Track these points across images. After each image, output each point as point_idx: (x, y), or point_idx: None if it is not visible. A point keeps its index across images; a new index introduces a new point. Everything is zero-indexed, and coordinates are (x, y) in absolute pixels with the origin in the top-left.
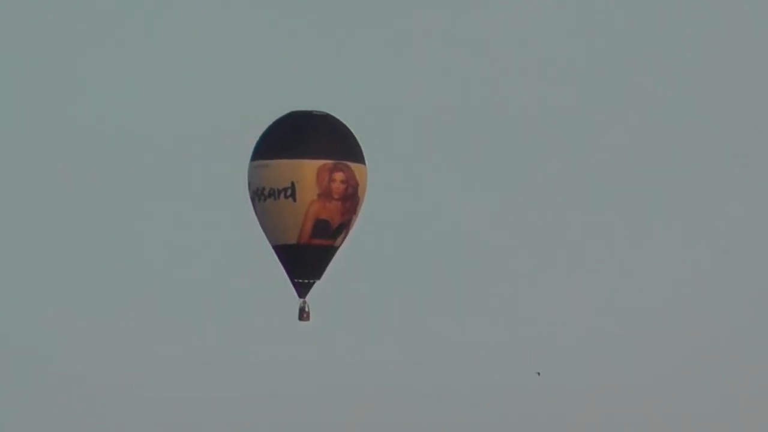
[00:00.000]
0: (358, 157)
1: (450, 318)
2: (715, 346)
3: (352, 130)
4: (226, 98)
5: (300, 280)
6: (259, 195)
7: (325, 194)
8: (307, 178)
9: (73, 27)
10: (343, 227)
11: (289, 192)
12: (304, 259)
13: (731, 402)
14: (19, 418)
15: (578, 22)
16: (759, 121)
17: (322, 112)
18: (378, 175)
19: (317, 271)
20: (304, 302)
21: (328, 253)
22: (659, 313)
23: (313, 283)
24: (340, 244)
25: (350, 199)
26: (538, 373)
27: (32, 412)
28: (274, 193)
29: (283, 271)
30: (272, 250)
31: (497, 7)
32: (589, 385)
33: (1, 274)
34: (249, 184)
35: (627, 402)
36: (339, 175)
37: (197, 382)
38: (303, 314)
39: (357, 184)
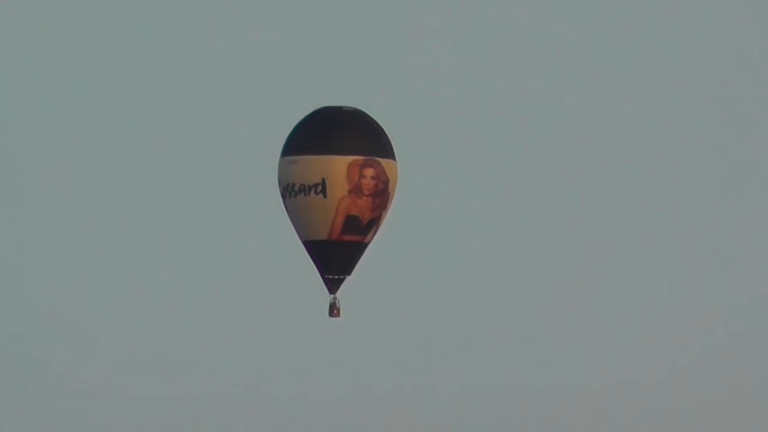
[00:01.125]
0: (389, 153)
1: (481, 314)
2: (715, 345)
3: (383, 126)
4: (255, 94)
5: (330, 276)
6: (290, 191)
7: (356, 190)
8: (337, 174)
9: (106, 26)
10: (374, 223)
11: (319, 188)
12: (335, 255)
13: (731, 402)
14: (40, 420)
15: (609, 14)
16: (759, 121)
17: (352, 107)
18: (408, 171)
19: (348, 267)
20: (335, 298)
21: (359, 249)
22: (669, 313)
23: (344, 279)
24: (371, 240)
25: (381, 195)
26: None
27: (60, 414)
28: (304, 189)
29: (314, 266)
30: (302, 246)
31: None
32: (616, 385)
33: (43, 275)
34: (279, 180)
35: (627, 402)
36: (369, 171)
37: (227, 379)
38: (333, 310)
39: (387, 180)
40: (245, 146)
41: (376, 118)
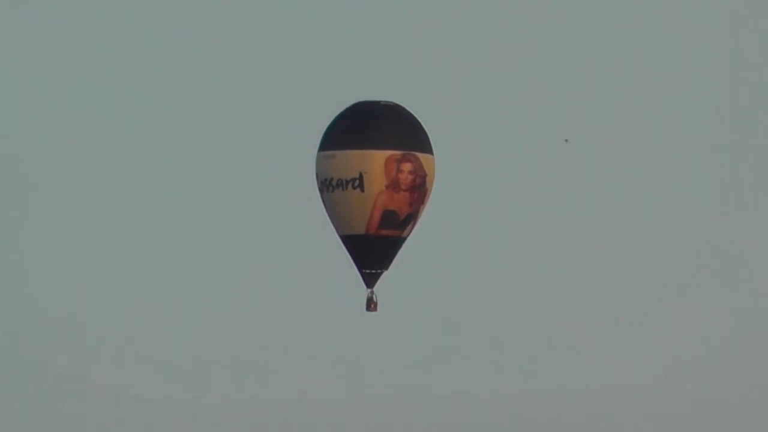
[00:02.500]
0: (426, 148)
1: (518, 309)
2: (714, 346)
3: (420, 120)
4: (293, 88)
5: (368, 271)
6: (327, 185)
7: (393, 185)
8: (375, 169)
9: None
10: (411, 218)
11: (357, 182)
12: (372, 249)
13: (731, 402)
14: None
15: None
16: (758, 120)
17: (390, 101)
18: (446, 166)
19: (385, 261)
20: (372, 293)
21: (396, 243)
22: (670, 314)
23: (381, 273)
24: (408, 235)
25: (418, 190)
26: (566, 140)
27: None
28: (342, 184)
29: (351, 261)
30: (340, 241)
31: None
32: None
33: (62, 276)
34: (317, 174)
35: (628, 402)
36: (407, 166)
37: (265, 374)
38: (371, 305)
39: (425, 175)
40: (283, 141)
41: (413, 112)
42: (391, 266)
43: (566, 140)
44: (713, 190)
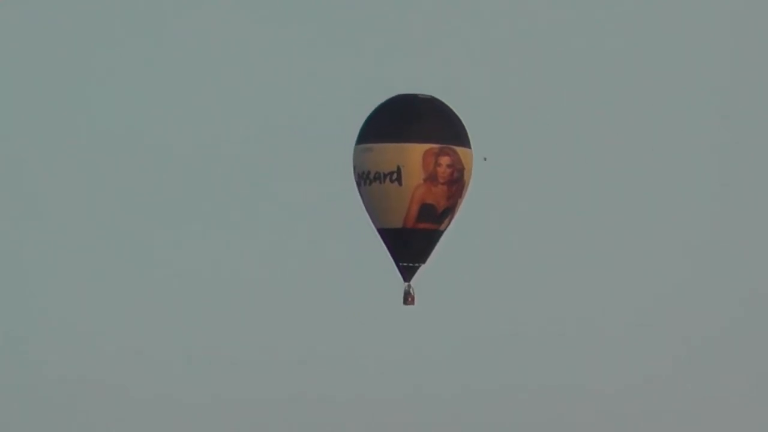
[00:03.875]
0: (464, 141)
1: (556, 303)
2: (714, 346)
3: (458, 114)
4: (331, 82)
5: (405, 264)
6: (365, 178)
7: (431, 178)
8: (413, 162)
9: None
10: (449, 211)
11: (394, 176)
12: (410, 242)
13: (731, 401)
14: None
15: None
16: (758, 120)
17: (428, 95)
18: (484, 160)
19: (422, 255)
20: (409, 286)
21: (434, 237)
22: (676, 315)
23: (418, 266)
24: (446, 228)
25: (456, 184)
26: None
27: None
28: (379, 177)
29: (388, 254)
30: (377, 234)
31: None
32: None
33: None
34: (354, 167)
35: (629, 402)
36: (445, 159)
37: (302, 366)
38: (408, 298)
39: (463, 168)
40: (321, 133)
41: (451, 106)
42: (429, 260)
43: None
44: (690, 192)
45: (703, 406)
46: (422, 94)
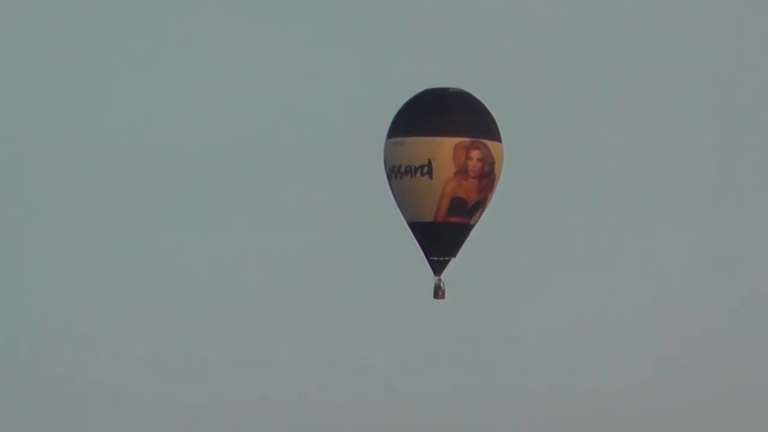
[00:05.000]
0: (495, 135)
1: (587, 297)
2: (714, 346)
3: (488, 107)
4: (360, 76)
5: (435, 258)
6: (396, 172)
7: (462, 172)
8: (443, 156)
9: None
10: (480, 205)
11: (425, 169)
12: (440, 236)
13: (730, 402)
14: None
15: None
16: (757, 120)
17: (459, 88)
18: (514, 153)
19: (453, 249)
20: (440, 280)
21: (464, 231)
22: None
23: (449, 260)
24: (476, 222)
25: (487, 177)
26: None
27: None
28: (410, 171)
29: (419, 248)
30: (408, 228)
31: None
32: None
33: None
34: (385, 161)
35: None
36: (476, 153)
37: (333, 361)
38: (438, 292)
39: (493, 162)
40: (351, 127)
41: (481, 100)
42: (459, 254)
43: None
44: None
45: (703, 406)
46: (452, 88)
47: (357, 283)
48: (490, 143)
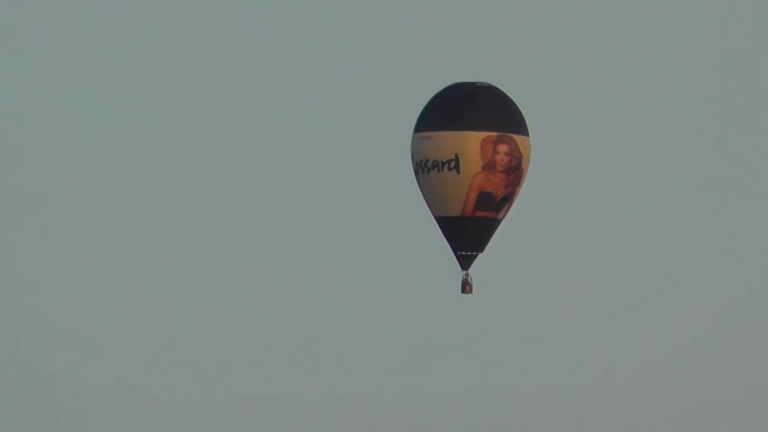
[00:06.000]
0: (522, 129)
1: (615, 294)
2: (714, 345)
3: (516, 102)
4: (388, 70)
5: (463, 253)
6: (423, 167)
7: (489, 166)
8: (471, 150)
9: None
10: (507, 199)
11: (452, 164)
12: (468, 231)
13: (730, 401)
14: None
15: None
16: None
17: (486, 83)
18: (542, 148)
19: (480, 243)
20: (467, 274)
21: (492, 225)
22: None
23: (476, 255)
24: (504, 217)
25: (514, 172)
26: None
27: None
28: (437, 165)
29: (446, 243)
30: (435, 222)
31: None
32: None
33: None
34: (412, 155)
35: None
36: (503, 147)
37: (358, 356)
38: (466, 287)
39: (521, 156)
40: (378, 122)
41: (509, 94)
42: (487, 248)
43: None
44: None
45: (704, 405)
46: (480, 82)
47: (384, 277)
48: (517, 137)
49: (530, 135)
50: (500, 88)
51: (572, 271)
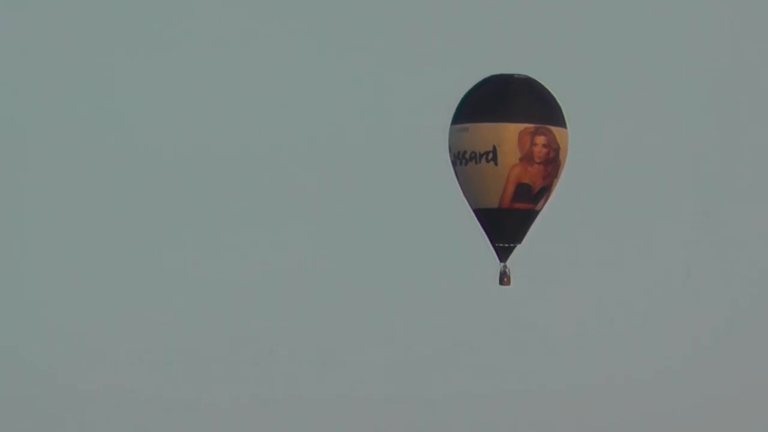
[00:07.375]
0: (560, 121)
1: (657, 284)
2: (714, 346)
3: (554, 93)
4: (426, 61)
5: (501, 244)
6: (460, 159)
7: (527, 158)
8: (508, 142)
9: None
10: (545, 191)
11: (490, 156)
12: (505, 223)
13: (730, 402)
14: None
15: None
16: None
17: (523, 75)
18: (580, 139)
19: (518, 235)
20: (505, 266)
21: (530, 217)
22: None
23: (514, 247)
24: (542, 208)
25: (552, 163)
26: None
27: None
28: (475, 157)
29: (484, 234)
30: (473, 214)
31: None
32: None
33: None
34: (449, 147)
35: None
36: (541, 139)
37: (396, 347)
38: (504, 278)
39: (558, 148)
40: (416, 114)
41: (546, 85)
42: (525, 240)
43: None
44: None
45: (703, 406)
46: (517, 74)
47: (423, 270)
48: (555, 129)
49: (568, 126)
50: (538, 79)
51: (610, 263)
